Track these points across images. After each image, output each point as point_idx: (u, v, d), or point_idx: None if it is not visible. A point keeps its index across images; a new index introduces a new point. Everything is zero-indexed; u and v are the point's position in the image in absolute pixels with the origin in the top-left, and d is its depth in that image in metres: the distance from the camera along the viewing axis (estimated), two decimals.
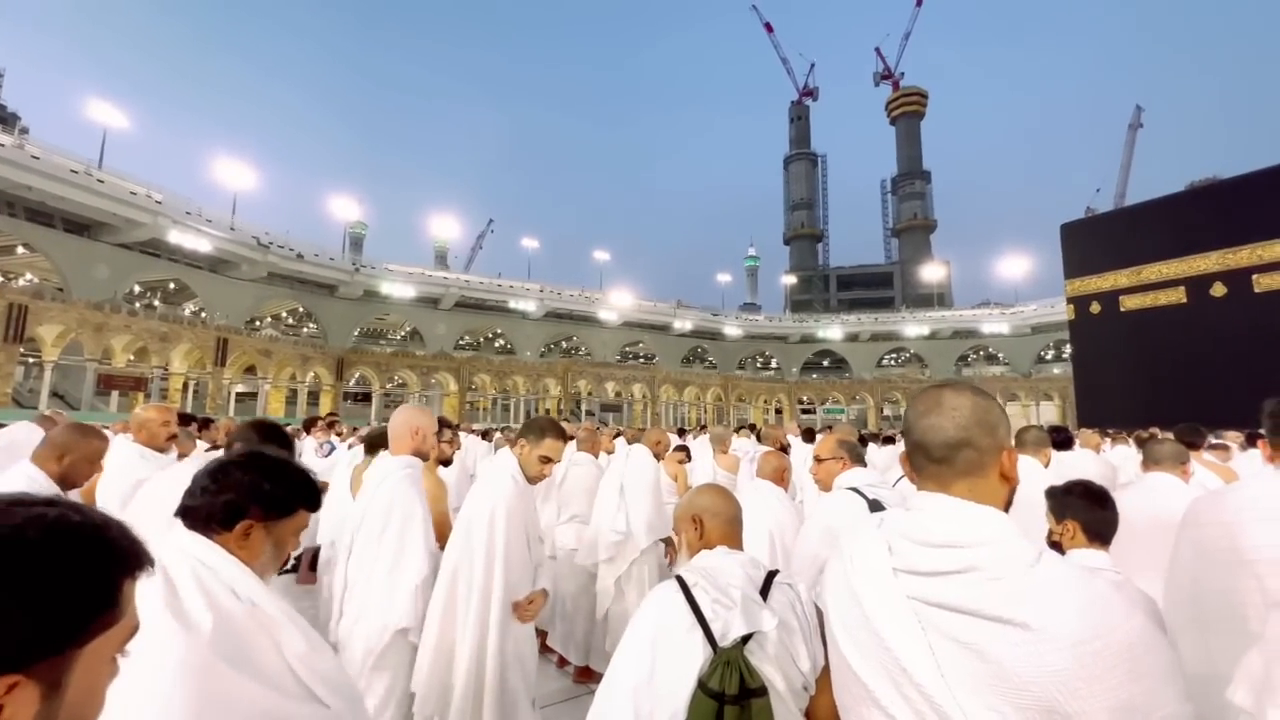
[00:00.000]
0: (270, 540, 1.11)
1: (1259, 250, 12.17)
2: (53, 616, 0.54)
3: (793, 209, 79.10)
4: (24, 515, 0.56)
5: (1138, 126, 56.94)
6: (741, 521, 1.52)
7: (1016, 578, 0.83)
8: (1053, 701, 0.76)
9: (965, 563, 0.86)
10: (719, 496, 1.53)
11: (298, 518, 1.15)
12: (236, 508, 1.08)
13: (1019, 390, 38.72)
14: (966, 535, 0.88)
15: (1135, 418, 10.67)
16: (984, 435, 0.93)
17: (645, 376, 39.10)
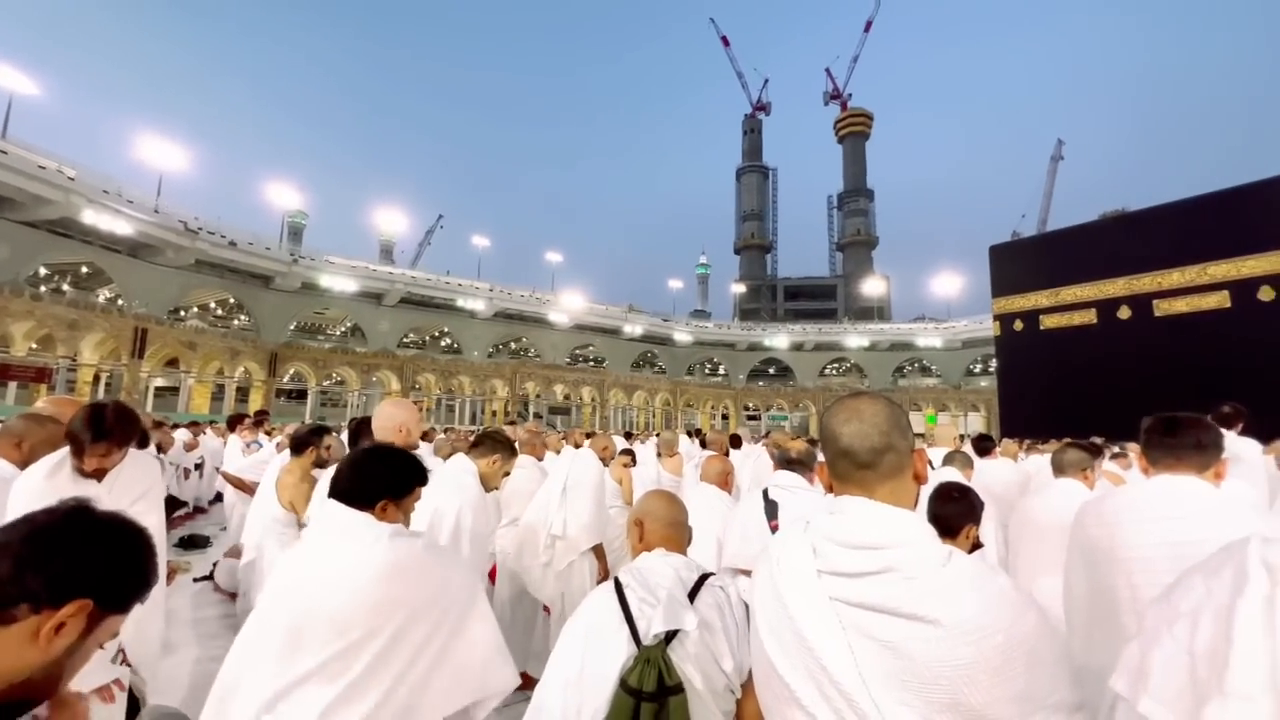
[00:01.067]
0: (401, 512, 1.52)
1: (1158, 278, 13.33)
2: (130, 588, 0.81)
3: (744, 219, 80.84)
4: (133, 523, 0.84)
5: (1059, 158, 61.47)
6: (683, 525, 1.55)
7: (929, 577, 0.89)
8: (959, 694, 0.81)
9: (884, 563, 0.91)
10: (660, 501, 1.58)
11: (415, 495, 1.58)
12: (374, 491, 1.48)
13: (949, 401, 40.83)
14: (886, 537, 0.94)
15: (1052, 429, 11.39)
16: (901, 439, 1.00)
17: (595, 380, 39.02)
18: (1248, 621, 0.79)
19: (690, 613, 1.25)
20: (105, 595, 0.77)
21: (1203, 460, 1.83)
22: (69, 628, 0.72)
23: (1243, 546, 0.89)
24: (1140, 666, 0.89)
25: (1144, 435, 1.87)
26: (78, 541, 0.77)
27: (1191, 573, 0.94)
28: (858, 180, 75.37)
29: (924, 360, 48.35)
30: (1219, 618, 0.83)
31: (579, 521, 3.45)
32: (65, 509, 0.80)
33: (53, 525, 0.77)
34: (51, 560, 0.74)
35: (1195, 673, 0.82)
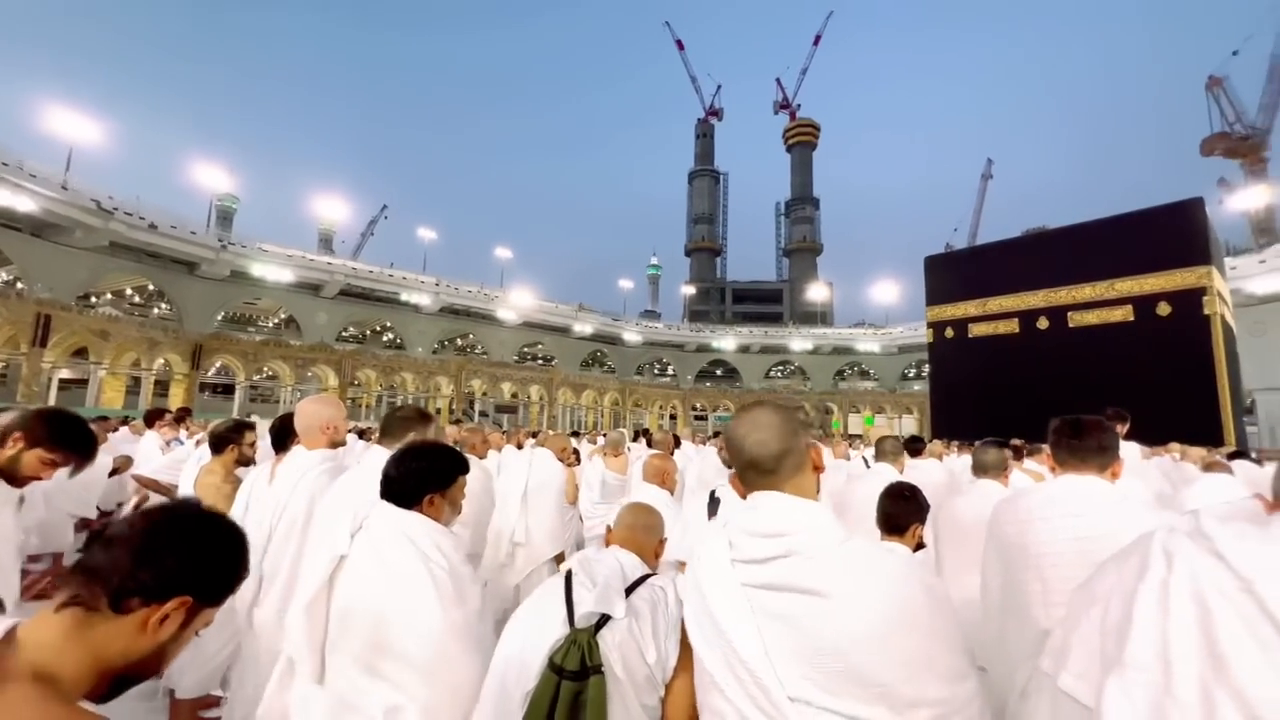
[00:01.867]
0: (448, 502, 1.66)
1: (1072, 291, 14.37)
2: (225, 584, 0.89)
3: (695, 222, 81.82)
4: (231, 523, 0.93)
5: (989, 177, 65.46)
6: (644, 529, 1.60)
7: (825, 556, 0.98)
8: (852, 661, 0.90)
9: (787, 548, 1.01)
10: (628, 508, 1.69)
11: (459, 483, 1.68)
12: (415, 489, 1.60)
13: (885, 403, 42.64)
14: (791, 525, 1.03)
15: (979, 430, 12.08)
16: (797, 440, 1.11)
17: (543, 378, 38.56)
18: (1145, 601, 0.87)
19: (621, 600, 1.30)
20: (203, 591, 0.85)
21: (1103, 461, 1.98)
22: (171, 620, 0.81)
23: (1149, 536, 0.96)
24: (1061, 647, 0.98)
25: (1051, 437, 2.01)
26: (185, 540, 0.85)
27: (1108, 562, 1.03)
28: (804, 188, 77.63)
29: (863, 364, 50.30)
30: (1124, 599, 0.90)
31: (543, 528, 3.38)
32: (176, 507, 0.89)
33: (166, 523, 0.85)
34: (162, 558, 0.82)
35: (1104, 648, 0.90)
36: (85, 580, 0.78)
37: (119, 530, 0.83)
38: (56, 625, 0.77)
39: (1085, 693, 0.90)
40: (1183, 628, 0.82)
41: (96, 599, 0.78)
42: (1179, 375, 12.31)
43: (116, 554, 0.80)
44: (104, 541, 0.81)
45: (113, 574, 0.79)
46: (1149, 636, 0.84)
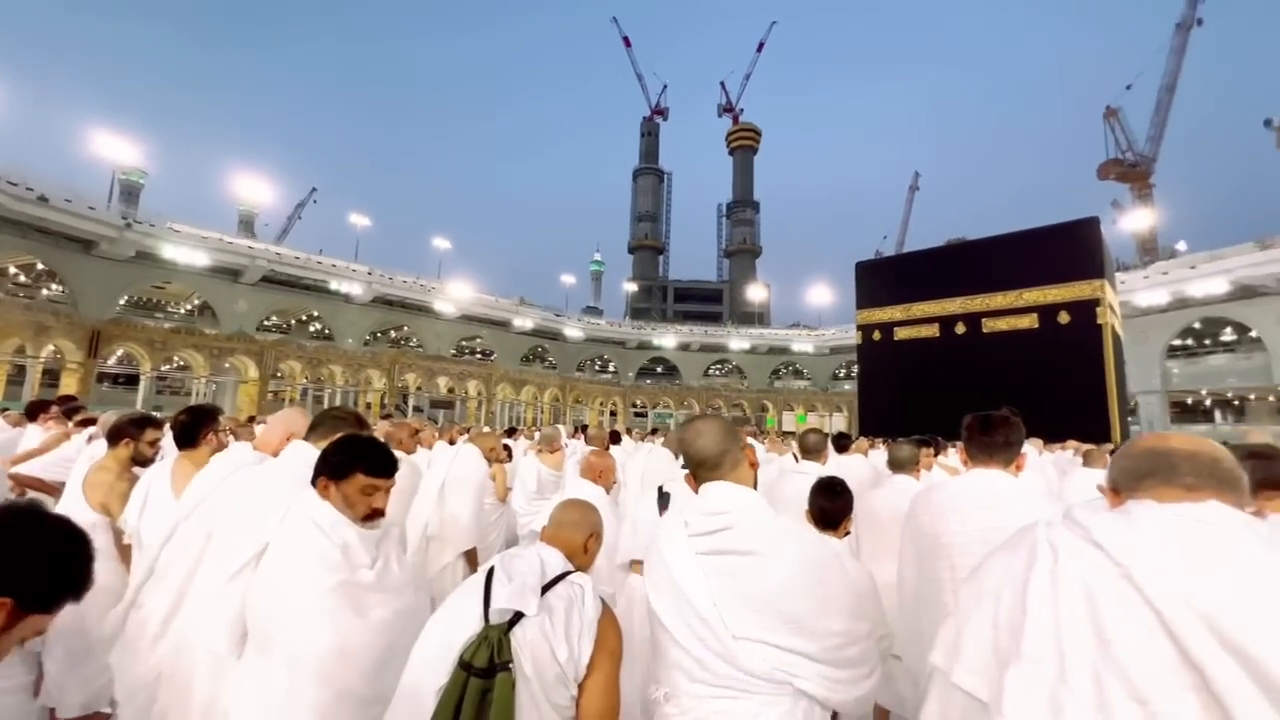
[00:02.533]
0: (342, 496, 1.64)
1: (986, 300, 15.41)
2: (53, 590, 0.84)
3: (638, 220, 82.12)
4: (74, 527, 0.89)
5: (916, 189, 69.23)
6: (572, 524, 1.59)
7: (757, 528, 1.32)
8: (781, 605, 1.23)
9: (729, 522, 1.33)
10: (558, 506, 1.70)
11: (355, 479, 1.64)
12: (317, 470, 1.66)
13: (818, 402, 44.35)
14: (731, 505, 1.37)
15: (902, 428, 12.70)
16: (734, 443, 1.45)
17: (482, 373, 37.64)
18: (1037, 594, 0.89)
19: (534, 597, 1.29)
20: (27, 595, 0.79)
21: (1008, 455, 2.12)
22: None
23: (1032, 529, 1.00)
24: (955, 641, 0.99)
25: (964, 433, 2.14)
26: (7, 540, 0.80)
27: (994, 554, 1.05)
28: (745, 192, 79.44)
29: (797, 364, 52.09)
30: (1016, 593, 0.92)
31: (457, 522, 3.31)
32: (6, 508, 0.84)
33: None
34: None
35: (999, 643, 0.91)
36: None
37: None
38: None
39: (980, 688, 0.90)
40: (1073, 617, 0.85)
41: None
42: (1075, 378, 13.45)
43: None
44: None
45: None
46: (1043, 628, 0.86)
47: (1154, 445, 1.00)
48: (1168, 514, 0.89)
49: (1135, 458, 1.00)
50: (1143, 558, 0.84)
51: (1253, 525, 0.86)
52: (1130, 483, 0.98)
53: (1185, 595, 0.79)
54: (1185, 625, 0.77)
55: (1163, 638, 0.78)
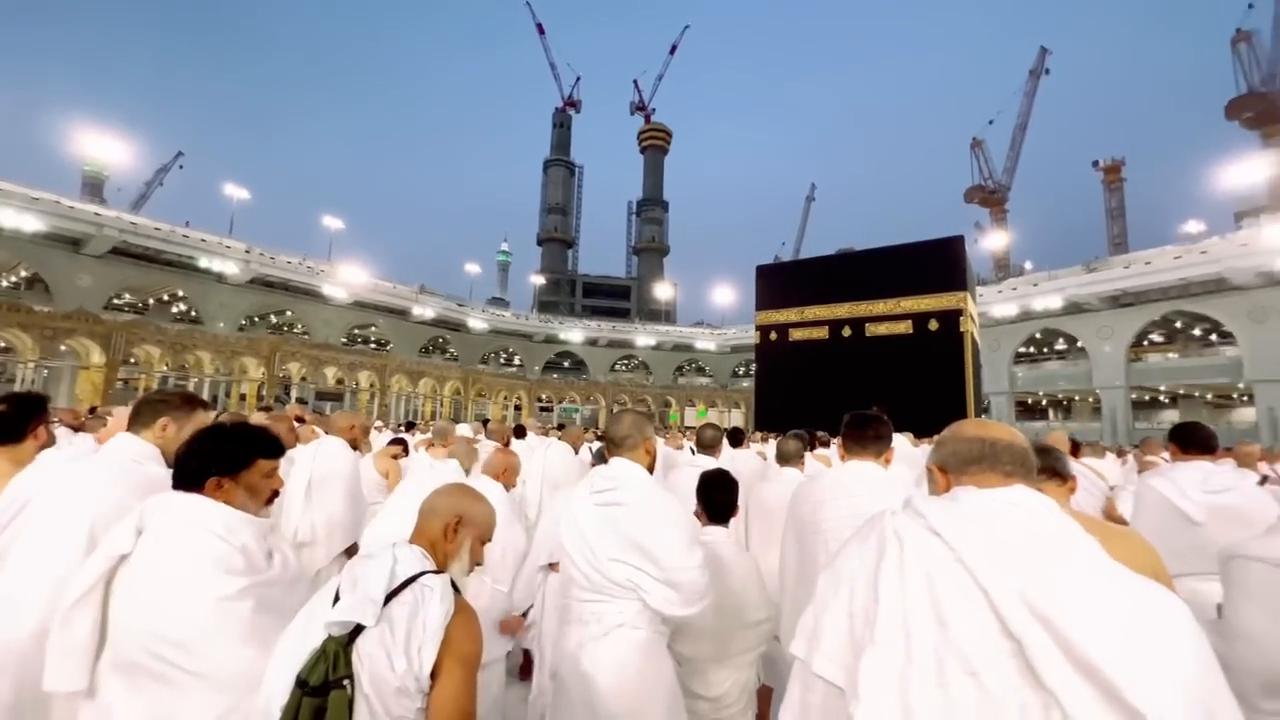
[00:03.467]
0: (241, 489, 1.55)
1: (870, 306, 16.78)
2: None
3: (548, 212, 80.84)
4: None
5: (811, 199, 73.78)
6: (430, 511, 1.49)
7: (634, 489, 2.00)
8: (636, 539, 1.90)
9: (616, 484, 2.03)
10: (428, 495, 1.56)
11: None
12: (196, 472, 1.51)
13: (718, 399, 46.10)
14: (621, 472, 2.06)
15: (795, 424, 13.48)
16: (639, 432, 2.11)
17: (376, 364, 35.42)
18: (888, 582, 0.93)
19: (372, 607, 1.21)
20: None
21: (879, 449, 2.38)
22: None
23: (880, 519, 1.04)
24: (814, 632, 1.01)
25: (842, 429, 2.38)
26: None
27: (848, 545, 1.09)
28: (655, 191, 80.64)
29: (700, 361, 53.80)
30: (868, 582, 0.96)
31: (330, 521, 3.05)
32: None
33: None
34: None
35: (854, 631, 0.94)
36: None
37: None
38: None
39: (838, 675, 0.94)
40: (917, 602, 0.90)
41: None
42: (941, 380, 15.03)
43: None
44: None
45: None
46: (893, 614, 0.90)
47: (980, 434, 1.08)
48: (989, 499, 0.98)
49: (964, 443, 1.08)
50: (971, 543, 0.91)
51: (1047, 504, 0.98)
52: (959, 467, 1.08)
53: (1004, 574, 0.87)
54: (1005, 601, 0.84)
55: (988, 614, 0.85)
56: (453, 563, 1.44)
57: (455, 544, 1.45)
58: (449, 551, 1.44)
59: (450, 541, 1.45)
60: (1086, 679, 0.78)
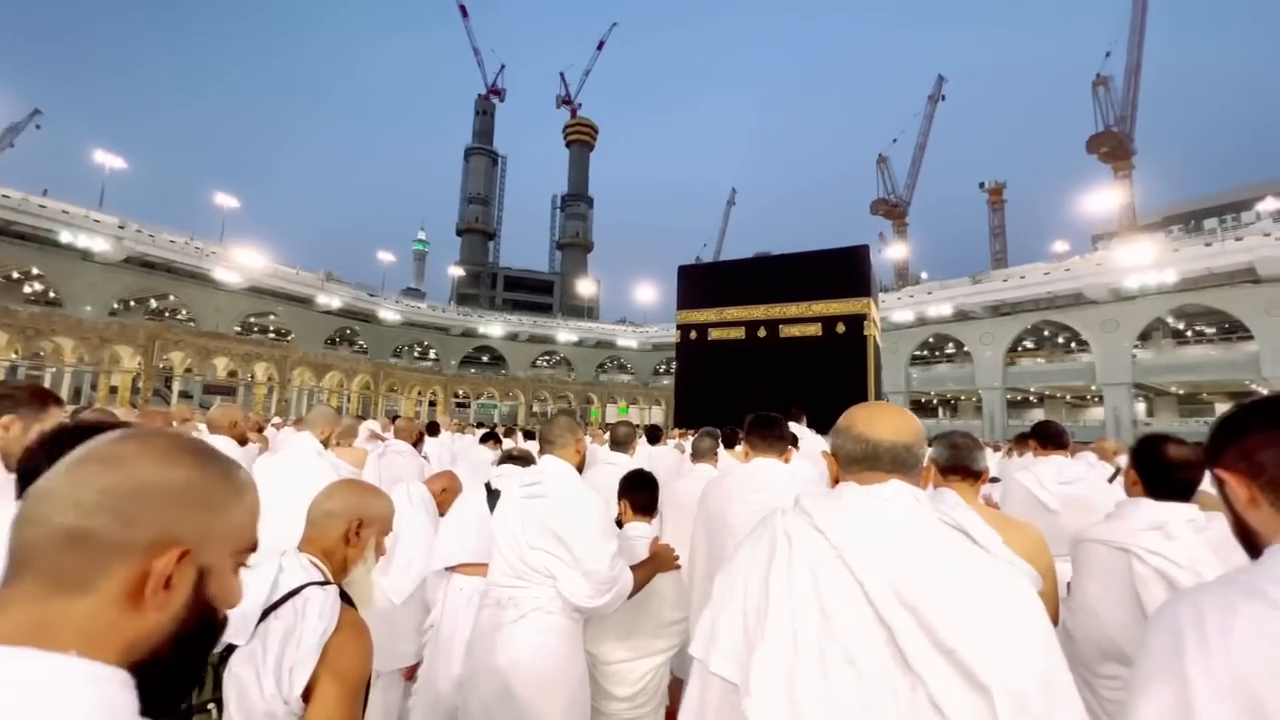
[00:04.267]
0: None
1: (784, 309, 17.57)
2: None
3: (469, 202, 78.20)
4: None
5: (732, 203, 76.06)
6: (326, 514, 1.39)
7: (558, 485, 2.13)
8: (555, 529, 2.02)
9: (542, 479, 2.16)
10: (321, 493, 1.46)
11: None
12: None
13: (639, 396, 46.58)
14: (550, 469, 2.18)
15: (712, 421, 13.84)
16: (570, 433, 2.28)
17: (275, 355, 32.81)
18: (777, 579, 0.96)
19: (243, 623, 1.13)
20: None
21: (781, 447, 2.50)
22: None
23: (772, 518, 1.07)
24: (711, 632, 1.02)
25: (746, 428, 2.49)
26: None
27: (742, 545, 1.11)
28: (580, 186, 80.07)
29: (622, 359, 54.12)
30: (760, 580, 0.99)
31: None
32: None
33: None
34: None
35: (748, 628, 0.96)
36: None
37: None
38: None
39: (734, 673, 0.96)
40: (803, 597, 0.93)
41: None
42: (846, 381, 16.00)
43: None
44: None
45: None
46: (782, 611, 0.93)
47: (865, 433, 1.11)
48: (866, 495, 1.03)
49: (851, 441, 1.12)
50: (849, 538, 0.95)
51: (920, 498, 1.03)
52: (847, 464, 1.13)
53: (878, 566, 0.91)
54: (877, 592, 0.89)
55: (864, 605, 0.90)
56: (356, 567, 1.36)
57: (359, 547, 1.36)
58: (350, 556, 1.35)
59: (353, 545, 1.35)
60: (946, 660, 0.84)
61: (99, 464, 0.55)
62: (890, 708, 0.85)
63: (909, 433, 1.10)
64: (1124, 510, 1.80)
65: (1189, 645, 0.71)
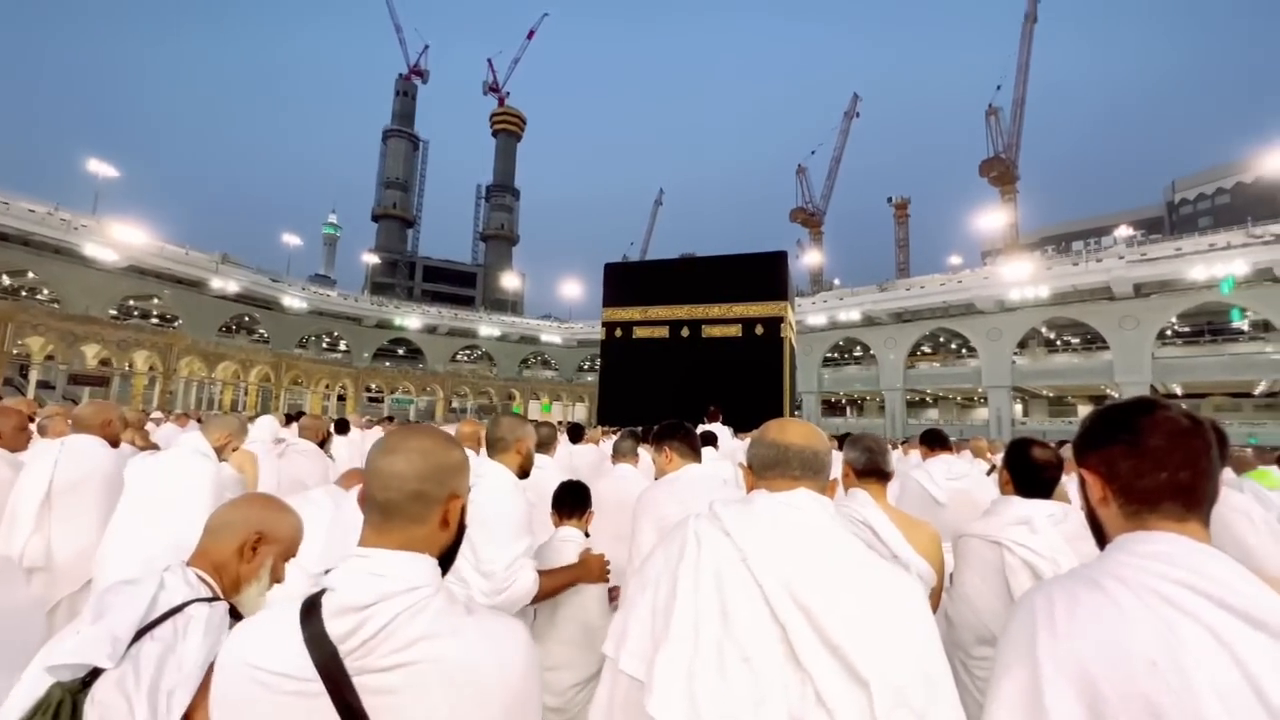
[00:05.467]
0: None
1: (707, 309, 18.03)
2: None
3: (386, 186, 74.28)
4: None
5: (659, 203, 76.94)
6: (228, 526, 1.28)
7: (483, 485, 1.97)
8: (470, 531, 1.63)
9: (476, 479, 1.86)
10: (220, 508, 1.36)
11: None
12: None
13: (563, 392, 46.20)
14: (484, 470, 2.08)
15: (635, 420, 13.92)
16: (511, 434, 2.23)
17: (159, 343, 29.68)
18: (684, 580, 0.99)
19: (110, 644, 1.01)
20: None
21: (695, 453, 2.58)
22: None
23: (687, 522, 1.10)
24: (622, 631, 1.05)
25: (667, 435, 2.54)
26: None
27: (656, 547, 1.14)
28: (506, 177, 78.12)
29: (546, 354, 53.43)
30: (669, 581, 1.02)
31: (74, 543, 2.46)
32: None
33: None
34: None
35: (654, 627, 0.99)
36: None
37: None
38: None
39: (641, 670, 0.98)
40: (707, 598, 0.97)
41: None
42: (763, 380, 16.65)
43: None
44: None
45: None
46: (686, 611, 0.96)
47: (776, 439, 1.16)
48: (775, 502, 1.07)
49: (764, 447, 1.17)
50: (754, 542, 0.99)
51: (825, 506, 1.09)
52: (760, 470, 1.17)
53: (777, 570, 0.96)
54: (774, 592, 0.94)
55: (762, 605, 0.94)
56: (248, 586, 1.26)
57: (254, 565, 1.26)
58: (244, 574, 1.25)
59: (248, 562, 1.25)
60: (833, 657, 0.89)
61: (418, 454, 0.93)
62: (781, 703, 0.90)
63: (817, 441, 1.17)
64: (998, 507, 2.01)
65: (1040, 632, 0.81)
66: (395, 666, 0.80)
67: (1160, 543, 0.83)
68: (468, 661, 0.82)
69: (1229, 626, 0.73)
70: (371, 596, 0.83)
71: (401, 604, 0.83)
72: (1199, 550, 0.81)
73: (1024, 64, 50.56)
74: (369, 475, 0.94)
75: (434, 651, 0.81)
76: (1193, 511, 0.86)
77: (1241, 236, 26.91)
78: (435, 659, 0.80)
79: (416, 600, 0.84)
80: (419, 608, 0.83)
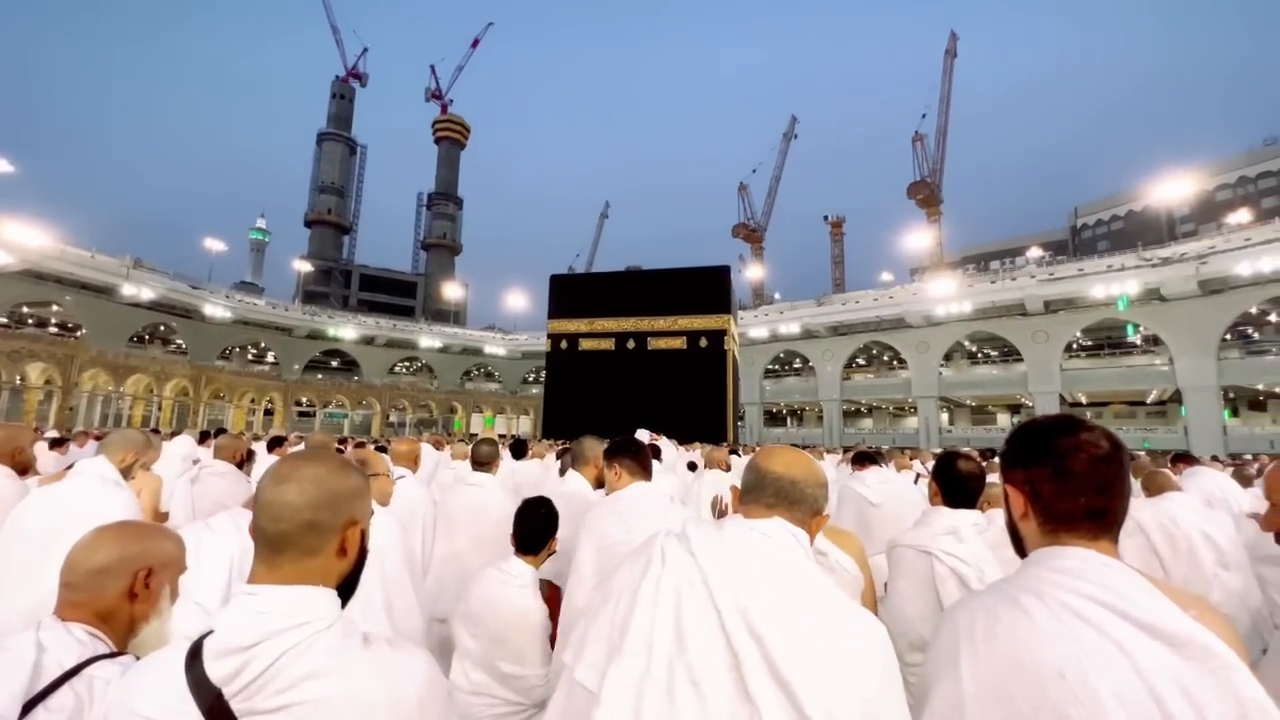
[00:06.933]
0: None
1: (652, 321, 18.20)
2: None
3: (320, 191, 71.23)
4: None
5: (606, 216, 77.39)
6: (103, 571, 1.14)
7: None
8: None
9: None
10: (76, 547, 1.20)
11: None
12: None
13: (506, 405, 45.34)
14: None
15: (581, 431, 13.83)
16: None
17: (59, 354, 27.12)
18: (644, 596, 0.99)
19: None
20: None
21: (646, 470, 2.57)
22: None
23: (655, 539, 1.10)
24: (581, 641, 1.05)
25: (619, 452, 2.52)
26: None
27: (623, 562, 1.13)
28: (449, 185, 76.53)
29: (489, 366, 52.34)
30: (630, 595, 1.01)
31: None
32: None
33: None
34: None
35: (612, 640, 0.99)
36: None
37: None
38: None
39: (595, 682, 0.98)
40: (664, 617, 0.96)
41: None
42: (708, 391, 16.91)
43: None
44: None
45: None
46: (642, 626, 0.96)
47: (759, 464, 1.17)
48: (745, 529, 1.07)
49: (750, 472, 1.18)
50: (718, 566, 0.99)
51: (796, 536, 1.08)
52: (742, 494, 1.18)
53: (735, 596, 0.95)
54: (731, 620, 0.93)
55: (717, 631, 0.93)
56: (145, 625, 1.15)
57: (150, 601, 1.15)
58: (139, 614, 1.14)
59: (142, 601, 1.14)
60: (780, 691, 0.88)
61: (310, 482, 0.89)
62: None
63: (800, 470, 1.14)
64: (928, 518, 2.10)
65: (963, 647, 0.85)
66: (281, 708, 0.77)
67: (1073, 558, 0.90)
68: (357, 697, 0.79)
69: (1129, 637, 0.79)
70: (255, 636, 0.79)
71: (287, 641, 0.79)
72: (1107, 565, 0.88)
73: (946, 95, 54.22)
74: (258, 506, 0.88)
75: (320, 690, 0.78)
76: (1106, 531, 0.93)
77: (1134, 259, 29.61)
78: (322, 698, 0.78)
79: (304, 637, 0.80)
80: (306, 645, 0.80)
